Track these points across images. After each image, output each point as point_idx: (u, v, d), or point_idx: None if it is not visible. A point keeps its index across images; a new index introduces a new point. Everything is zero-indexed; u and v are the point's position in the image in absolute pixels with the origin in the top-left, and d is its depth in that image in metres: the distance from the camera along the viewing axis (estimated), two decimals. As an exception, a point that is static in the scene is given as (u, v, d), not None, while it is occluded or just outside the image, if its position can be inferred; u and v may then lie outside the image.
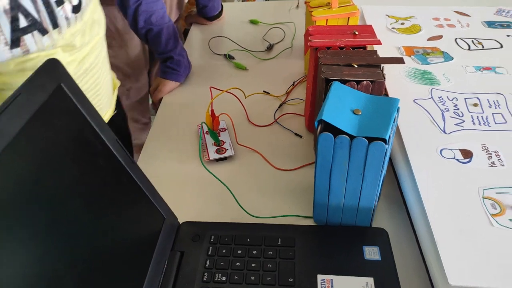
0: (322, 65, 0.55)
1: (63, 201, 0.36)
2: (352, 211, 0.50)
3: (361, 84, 0.52)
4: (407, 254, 0.50)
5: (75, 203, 0.37)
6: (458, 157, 0.55)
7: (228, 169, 0.64)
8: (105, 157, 0.43)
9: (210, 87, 0.70)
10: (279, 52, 0.94)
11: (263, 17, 1.09)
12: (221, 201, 0.58)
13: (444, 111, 0.63)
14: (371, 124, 0.44)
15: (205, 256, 0.49)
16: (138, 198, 0.47)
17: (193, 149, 0.68)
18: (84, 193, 0.39)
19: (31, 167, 0.33)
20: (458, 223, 0.47)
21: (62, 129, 0.37)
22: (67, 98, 0.38)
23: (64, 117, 0.38)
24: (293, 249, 0.49)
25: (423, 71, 0.73)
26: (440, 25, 0.88)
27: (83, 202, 0.38)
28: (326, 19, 0.70)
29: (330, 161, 0.46)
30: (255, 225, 0.53)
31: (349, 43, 0.59)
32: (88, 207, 0.39)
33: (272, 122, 0.73)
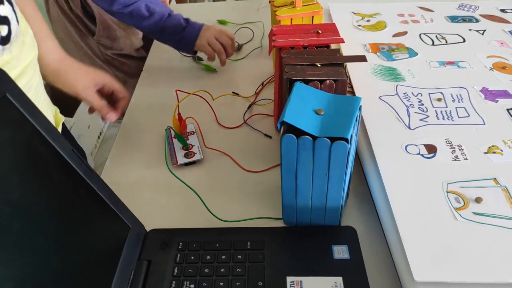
0: (286, 65, 0.54)
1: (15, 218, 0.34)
2: (320, 211, 0.50)
3: (324, 83, 0.52)
4: (375, 251, 0.50)
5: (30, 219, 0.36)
6: (422, 152, 0.55)
7: (197, 173, 0.63)
8: (60, 169, 0.41)
9: (176, 90, 0.69)
10: (248, 53, 0.93)
11: (231, 17, 1.08)
12: (189, 207, 0.57)
13: (409, 106, 0.64)
14: (333, 123, 0.44)
15: (173, 264, 0.48)
16: (99, 208, 0.45)
17: (160, 155, 0.66)
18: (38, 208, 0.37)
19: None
20: (423, 218, 0.47)
21: (9, 142, 0.35)
22: (14, 108, 0.36)
23: (11, 129, 0.36)
24: (262, 252, 0.49)
25: (389, 68, 0.73)
26: (404, 21, 0.89)
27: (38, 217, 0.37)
28: (291, 18, 0.70)
29: (295, 163, 0.46)
30: (225, 230, 0.53)
31: (312, 42, 0.59)
32: (44, 222, 0.37)
33: (241, 123, 0.72)
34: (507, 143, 0.56)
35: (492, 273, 0.42)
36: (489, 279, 0.41)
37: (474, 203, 0.48)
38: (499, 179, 0.51)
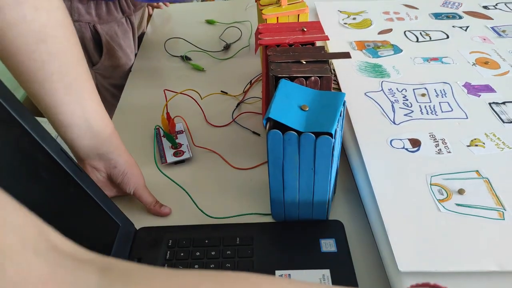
0: (271, 63, 0.55)
1: None
2: (308, 205, 0.51)
3: (309, 80, 0.53)
4: (362, 244, 0.51)
5: (18, 217, 0.36)
6: (407, 147, 0.57)
7: (187, 171, 0.64)
8: (49, 168, 0.41)
9: (164, 90, 0.69)
10: (236, 52, 0.94)
11: (220, 17, 1.08)
12: (179, 204, 0.58)
13: (394, 102, 0.65)
14: (318, 119, 0.45)
15: (163, 261, 0.49)
16: (88, 207, 0.46)
17: (149, 154, 0.67)
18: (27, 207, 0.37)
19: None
20: (408, 210, 0.48)
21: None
22: (2, 108, 0.36)
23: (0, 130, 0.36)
24: (251, 247, 0.50)
25: (374, 65, 0.75)
26: (390, 19, 0.91)
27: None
28: (277, 16, 0.71)
29: (281, 158, 0.47)
30: (214, 226, 0.53)
31: (298, 40, 0.60)
32: (32, 220, 0.38)
33: (230, 122, 0.73)
34: (489, 136, 0.58)
35: (474, 262, 0.43)
36: (472, 267, 0.43)
37: (457, 194, 0.50)
38: (481, 171, 0.53)
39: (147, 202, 0.56)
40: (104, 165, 0.53)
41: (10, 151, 0.37)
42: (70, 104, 0.49)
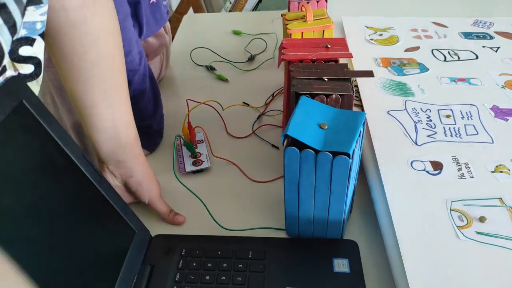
0: (293, 79, 0.55)
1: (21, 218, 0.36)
2: (323, 223, 0.51)
3: (330, 97, 0.53)
4: (376, 266, 0.50)
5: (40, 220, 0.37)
6: (428, 169, 0.55)
7: (204, 181, 0.64)
8: (71, 173, 0.43)
9: (187, 100, 0.70)
10: (260, 63, 0.95)
11: (246, 28, 1.10)
12: (195, 214, 0.59)
13: (417, 122, 0.64)
14: (336, 138, 0.45)
15: (175, 270, 0.49)
16: (106, 212, 0.47)
17: (168, 162, 0.68)
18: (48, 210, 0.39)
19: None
20: (425, 236, 0.47)
21: (23, 147, 0.37)
22: (29, 115, 0.38)
23: (26, 135, 0.38)
24: (263, 262, 0.49)
25: (398, 83, 0.74)
26: (417, 36, 0.89)
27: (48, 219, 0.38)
28: (302, 32, 0.71)
29: (298, 175, 0.46)
30: (228, 238, 0.54)
31: (321, 56, 0.60)
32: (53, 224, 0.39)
33: (250, 133, 0.73)
34: (515, 162, 0.56)
35: (492, 294, 0.41)
36: (490, 300, 0.41)
37: (477, 222, 0.48)
38: (505, 198, 0.51)
39: (161, 212, 0.57)
40: (121, 172, 0.55)
41: (34, 154, 0.39)
42: (104, 107, 0.52)
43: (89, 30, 0.48)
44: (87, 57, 0.48)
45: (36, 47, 0.39)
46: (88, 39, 0.48)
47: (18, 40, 0.37)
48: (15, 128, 0.36)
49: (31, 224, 0.36)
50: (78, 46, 0.47)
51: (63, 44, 0.47)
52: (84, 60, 0.48)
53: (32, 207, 0.37)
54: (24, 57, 0.38)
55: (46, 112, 0.40)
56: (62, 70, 0.49)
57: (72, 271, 0.40)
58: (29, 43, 0.38)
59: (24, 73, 0.38)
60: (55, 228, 0.39)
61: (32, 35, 0.38)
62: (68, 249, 0.40)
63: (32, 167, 0.38)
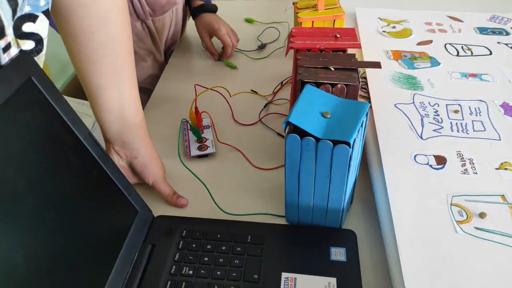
0: (300, 67, 0.55)
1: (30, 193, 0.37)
2: (322, 212, 0.51)
3: (335, 87, 0.53)
4: (373, 257, 0.50)
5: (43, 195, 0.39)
6: (431, 163, 0.55)
7: (209, 166, 0.65)
8: (77, 151, 0.44)
9: (195, 85, 0.71)
10: (270, 52, 0.95)
11: (259, 16, 1.09)
12: (197, 197, 0.60)
13: (424, 116, 0.63)
14: (338, 127, 0.45)
15: (175, 250, 0.50)
16: (110, 191, 0.48)
17: (174, 145, 0.69)
18: (52, 185, 0.40)
19: (-5, 158, 0.34)
20: (423, 228, 0.47)
21: (30, 123, 0.38)
22: (37, 91, 0.39)
23: (34, 111, 0.39)
24: (261, 246, 0.50)
25: (408, 76, 0.73)
26: (431, 30, 0.88)
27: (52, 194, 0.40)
28: (312, 21, 0.71)
29: (298, 163, 0.47)
30: (228, 222, 0.54)
31: (329, 46, 0.60)
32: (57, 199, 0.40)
33: (256, 121, 0.74)
34: (521, 160, 0.55)
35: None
36: (484, 294, 0.41)
37: (477, 217, 0.48)
38: (507, 196, 0.50)
39: (164, 194, 0.58)
40: (126, 153, 0.56)
41: (41, 131, 0.40)
42: (111, 89, 0.53)
43: (99, 9, 0.48)
44: (95, 37, 0.49)
45: (38, 24, 0.40)
46: (97, 19, 0.48)
47: (22, 17, 0.38)
48: (22, 104, 0.37)
49: (36, 199, 0.38)
50: (87, 25, 0.48)
51: (72, 23, 0.48)
52: (93, 40, 0.49)
53: (37, 183, 0.38)
54: (26, 33, 0.39)
55: (54, 89, 0.41)
56: (71, 49, 0.50)
57: (74, 247, 0.41)
58: (32, 20, 0.39)
59: (25, 49, 0.39)
60: (59, 205, 0.40)
61: (35, 12, 0.39)
62: (71, 225, 0.41)
63: (38, 143, 0.39)
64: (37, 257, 0.37)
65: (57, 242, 0.39)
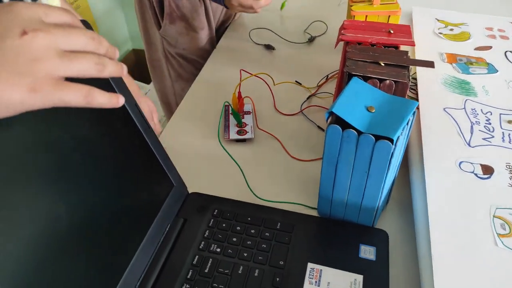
0: (348, 59, 0.54)
1: (76, 152, 0.39)
2: (355, 208, 0.50)
3: (384, 83, 0.51)
4: (404, 260, 0.49)
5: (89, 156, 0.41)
6: (477, 172, 0.53)
7: (245, 150, 0.66)
8: (123, 120, 0.46)
9: (240, 70, 0.71)
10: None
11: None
12: (232, 179, 0.60)
13: (474, 123, 0.60)
14: (382, 123, 0.44)
15: (205, 227, 0.52)
16: (150, 163, 0.50)
17: (214, 127, 0.70)
18: (99, 148, 0.42)
19: (44, 119, 0.36)
20: (460, 238, 0.45)
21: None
22: (93, 58, 0.41)
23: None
24: (290, 234, 0.50)
25: (462, 81, 0.70)
26: (492, 36, 0.83)
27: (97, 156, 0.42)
28: (366, 15, 0.69)
29: (337, 155, 0.46)
30: (259, 207, 0.55)
31: (381, 41, 0.58)
32: (101, 161, 0.42)
33: (297, 112, 0.74)
34: None
35: (524, 308, 0.39)
36: (519, 313, 0.39)
37: (521, 233, 0.45)
38: (558, 215, 0.47)
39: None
40: None
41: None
42: None
43: None
44: None
45: None
46: None
47: None
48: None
49: (81, 158, 0.40)
50: None
51: None
52: None
53: (84, 144, 0.40)
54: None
55: (108, 58, 0.43)
56: None
57: (111, 210, 0.43)
58: None
59: None
60: (102, 167, 0.42)
61: None
62: (110, 190, 0.43)
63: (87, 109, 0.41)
64: (78, 214, 0.39)
65: (96, 203, 0.41)
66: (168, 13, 0.94)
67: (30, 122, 0.35)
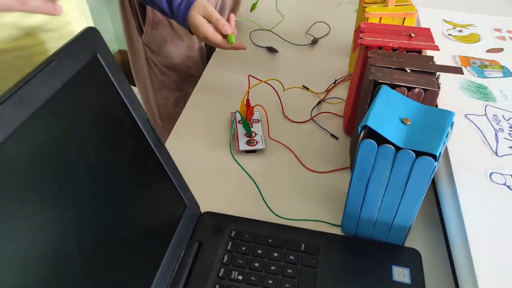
0: (371, 66, 0.51)
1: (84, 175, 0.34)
2: (385, 226, 0.47)
3: (412, 91, 0.48)
4: (440, 281, 0.46)
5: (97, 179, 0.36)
6: (509, 184, 0.50)
7: (257, 162, 0.62)
8: (134, 136, 0.41)
9: (249, 76, 0.67)
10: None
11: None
12: (246, 195, 0.56)
13: (498, 131, 0.58)
14: (420, 136, 0.40)
15: (223, 251, 0.47)
16: (162, 182, 0.45)
17: (223, 137, 0.65)
18: (109, 170, 0.37)
19: (55, 138, 0.31)
20: (505, 258, 0.42)
21: (92, 102, 0.35)
22: (102, 69, 0.36)
23: (97, 90, 0.36)
24: (316, 257, 0.46)
25: (479, 85, 0.67)
26: (501, 37, 0.81)
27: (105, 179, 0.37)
28: (380, 17, 0.65)
29: (369, 171, 0.42)
30: (279, 226, 0.51)
31: (403, 46, 0.55)
32: (109, 184, 0.37)
33: (308, 119, 0.70)
34: None
35: None
36: None
37: None
38: None
39: None
40: None
41: (102, 112, 0.37)
42: None
43: None
44: None
45: None
46: None
47: None
48: (87, 82, 0.34)
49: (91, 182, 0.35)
50: None
51: None
52: None
53: (94, 165, 0.35)
54: None
55: (117, 67, 0.38)
56: None
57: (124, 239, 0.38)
58: None
59: None
60: (114, 189, 0.37)
61: None
62: (124, 212, 0.39)
63: (98, 124, 0.36)
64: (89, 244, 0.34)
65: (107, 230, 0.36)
66: (150, 18, 0.86)
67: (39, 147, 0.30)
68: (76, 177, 0.33)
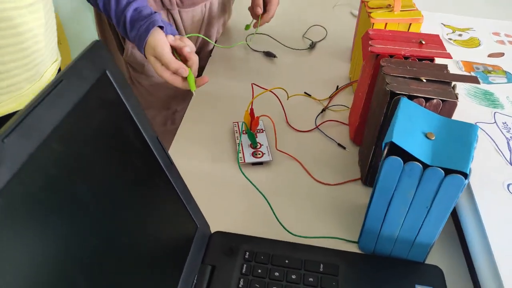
0: (386, 76, 0.49)
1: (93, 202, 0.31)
2: (407, 244, 0.45)
3: (430, 102, 0.46)
4: (462, 299, 0.44)
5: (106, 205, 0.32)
6: (527, 195, 0.49)
7: (264, 175, 0.59)
8: (144, 156, 0.38)
9: (252, 84, 0.64)
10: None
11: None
12: (256, 211, 0.53)
13: (510, 139, 0.57)
14: (447, 152, 0.39)
15: (238, 275, 0.44)
16: (172, 203, 0.42)
17: (227, 149, 0.63)
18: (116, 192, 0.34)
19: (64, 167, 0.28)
20: (530, 274, 0.41)
21: (102, 123, 0.32)
22: (111, 87, 0.33)
23: (106, 110, 0.33)
24: (336, 278, 0.44)
25: (485, 91, 0.66)
26: (500, 41, 0.81)
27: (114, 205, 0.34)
28: (386, 22, 0.64)
29: (393, 189, 0.41)
30: (294, 245, 0.48)
31: (415, 53, 0.53)
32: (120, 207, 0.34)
33: (313, 128, 0.67)
34: None
35: None
36: None
37: None
38: None
39: None
40: None
41: (111, 133, 0.33)
42: None
43: None
44: None
45: None
46: None
47: None
48: (96, 103, 0.31)
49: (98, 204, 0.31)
50: None
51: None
52: None
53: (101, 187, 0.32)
54: None
55: (126, 84, 0.35)
56: None
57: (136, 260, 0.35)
58: None
59: None
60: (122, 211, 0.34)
61: None
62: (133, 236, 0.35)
63: (107, 146, 0.33)
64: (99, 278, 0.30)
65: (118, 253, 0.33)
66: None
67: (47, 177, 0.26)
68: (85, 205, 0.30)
